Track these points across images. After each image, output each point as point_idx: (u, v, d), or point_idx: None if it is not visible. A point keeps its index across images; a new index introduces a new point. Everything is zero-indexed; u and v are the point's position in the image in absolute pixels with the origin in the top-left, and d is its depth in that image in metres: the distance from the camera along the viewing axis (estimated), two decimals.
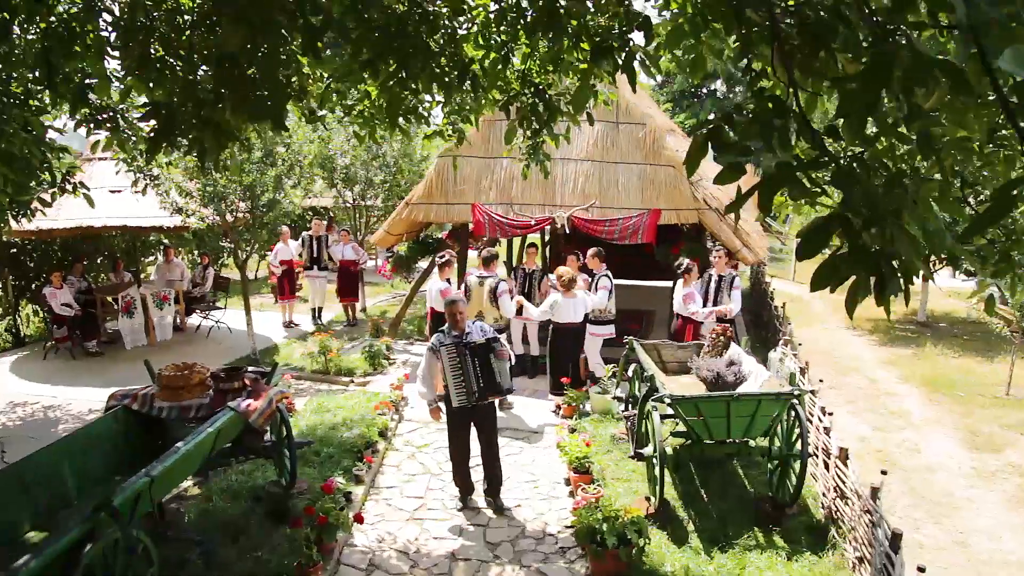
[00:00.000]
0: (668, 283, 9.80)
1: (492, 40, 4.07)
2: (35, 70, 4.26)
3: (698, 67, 3.12)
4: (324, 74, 4.40)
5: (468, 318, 5.48)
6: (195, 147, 3.38)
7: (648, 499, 5.28)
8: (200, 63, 3.44)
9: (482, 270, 7.66)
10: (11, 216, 6.45)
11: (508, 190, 9.09)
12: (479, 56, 4.16)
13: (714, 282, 8.04)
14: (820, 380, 7.24)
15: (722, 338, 6.45)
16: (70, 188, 5.83)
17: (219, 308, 11.56)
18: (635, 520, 4.55)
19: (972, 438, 7.50)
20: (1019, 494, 6.23)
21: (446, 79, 3.87)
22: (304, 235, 11.71)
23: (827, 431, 5.42)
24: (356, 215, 14.16)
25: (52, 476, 4.26)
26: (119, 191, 9.93)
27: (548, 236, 13.27)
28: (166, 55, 3.45)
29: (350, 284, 11.71)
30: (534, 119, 4.67)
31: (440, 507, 5.55)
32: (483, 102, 4.81)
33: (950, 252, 1.86)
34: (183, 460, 4.16)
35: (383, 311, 12.72)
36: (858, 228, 1.58)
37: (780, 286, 14.60)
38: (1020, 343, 8.93)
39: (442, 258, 8.05)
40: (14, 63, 4.20)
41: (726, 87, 30.25)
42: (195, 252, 14.32)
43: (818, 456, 5.56)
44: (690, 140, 2.55)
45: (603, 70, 3.66)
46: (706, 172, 9.21)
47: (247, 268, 10.18)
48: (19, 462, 4.19)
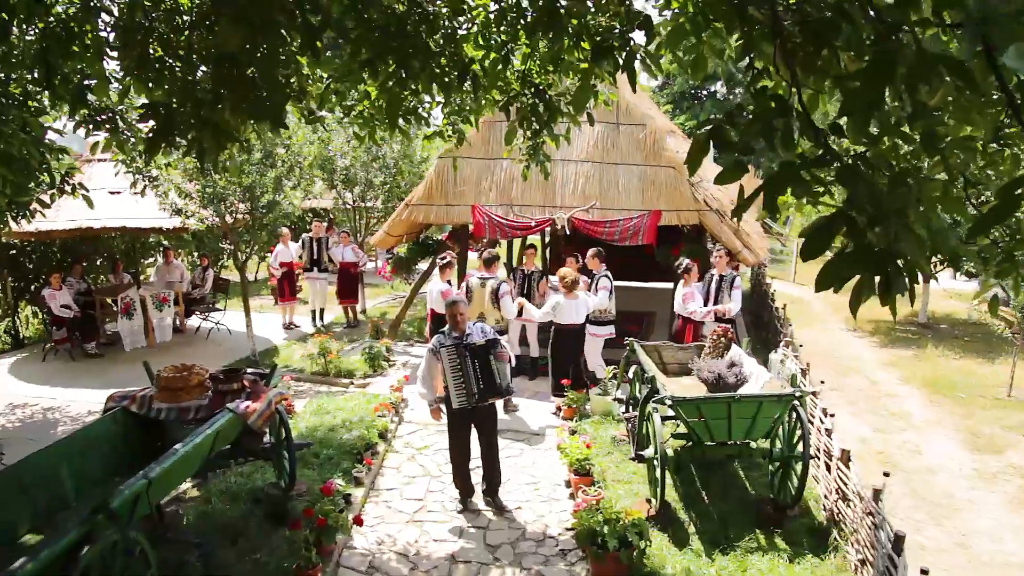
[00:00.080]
0: (668, 284, 9.77)
1: (492, 40, 4.05)
2: (34, 71, 4.25)
3: (699, 67, 3.10)
4: (324, 74, 4.39)
5: (470, 319, 5.46)
6: (194, 147, 3.37)
7: (649, 501, 5.26)
8: (199, 63, 3.42)
9: (483, 271, 7.64)
10: (10, 217, 6.44)
11: (508, 191, 9.08)
12: (479, 56, 4.14)
13: (715, 282, 8.05)
14: (821, 381, 7.22)
15: (723, 339, 6.43)
16: (69, 189, 5.81)
17: (219, 310, 11.54)
18: (636, 522, 4.54)
19: (973, 440, 7.48)
20: (1020, 495, 6.21)
21: (446, 79, 3.86)
22: (304, 237, 11.70)
23: (828, 433, 5.40)
24: (356, 216, 14.15)
25: (50, 478, 4.24)
26: (118, 192, 9.92)
27: (548, 237, 13.28)
28: (165, 55, 3.44)
29: (350, 286, 11.70)
30: (534, 119, 4.65)
31: (440, 509, 5.52)
32: (483, 102, 4.80)
33: (954, 252, 1.85)
34: (182, 462, 4.14)
35: (383, 313, 12.70)
36: (862, 227, 1.57)
37: (781, 287, 14.58)
38: (1021, 345, 8.91)
39: (443, 259, 8.04)
40: (13, 64, 4.19)
41: (726, 88, 30.27)
42: (195, 254, 14.32)
43: (819, 458, 5.54)
44: (690, 141, 2.53)
45: (604, 70, 3.65)
46: (706, 173, 9.21)
47: (247, 270, 10.16)
48: (17, 463, 4.17)
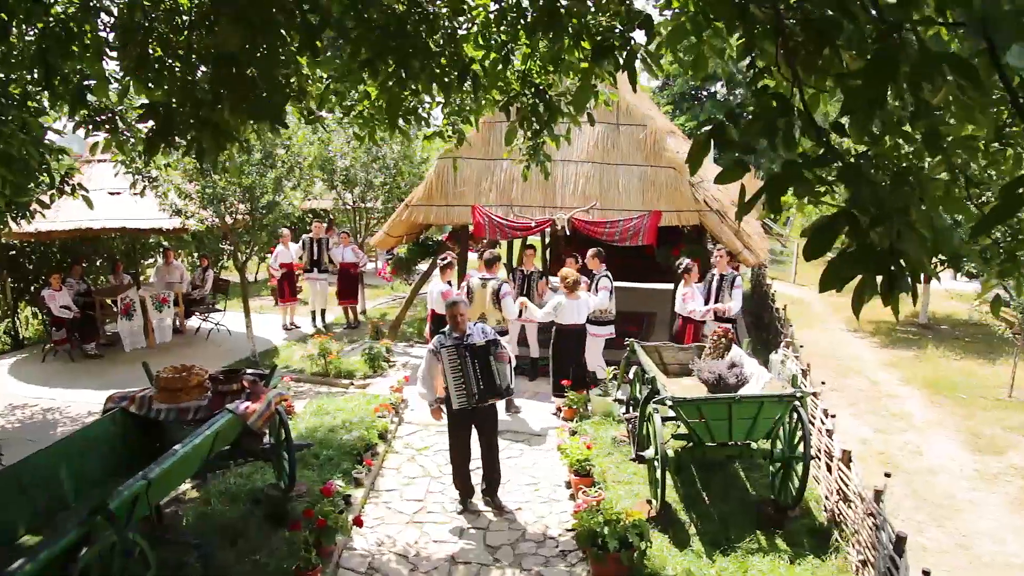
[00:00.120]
0: (669, 285, 9.77)
1: (492, 40, 4.05)
2: (33, 71, 4.24)
3: (699, 66, 3.09)
4: (323, 74, 4.39)
5: (471, 320, 5.46)
6: (193, 147, 3.36)
7: (649, 502, 5.25)
8: (199, 63, 3.42)
9: (484, 272, 7.63)
10: (10, 218, 6.43)
11: (508, 192, 9.07)
12: (479, 56, 4.14)
13: (716, 282, 8.08)
14: (822, 382, 7.21)
15: (723, 340, 6.42)
16: (69, 190, 5.80)
17: (218, 310, 11.53)
18: (636, 523, 4.53)
19: (974, 440, 7.47)
20: (1022, 496, 6.20)
21: (446, 79, 3.85)
22: (304, 238, 11.69)
23: (829, 433, 5.39)
24: (356, 217, 14.14)
25: (49, 478, 4.23)
26: (118, 193, 9.92)
27: (548, 238, 13.27)
28: (164, 55, 3.43)
29: (350, 286, 11.69)
30: (534, 120, 4.64)
31: (440, 510, 5.51)
32: (483, 103, 4.79)
33: (957, 251, 1.84)
34: (181, 463, 4.14)
35: (383, 313, 12.69)
36: (865, 226, 1.56)
37: (781, 288, 14.57)
38: (1022, 345, 8.90)
39: (443, 260, 8.03)
40: (12, 64, 4.18)
41: (727, 89, 30.27)
42: (194, 254, 14.31)
43: (820, 458, 5.53)
44: (691, 142, 2.52)
45: (604, 70, 3.64)
46: (707, 174, 9.20)
47: (246, 270, 10.15)
48: (16, 464, 4.16)
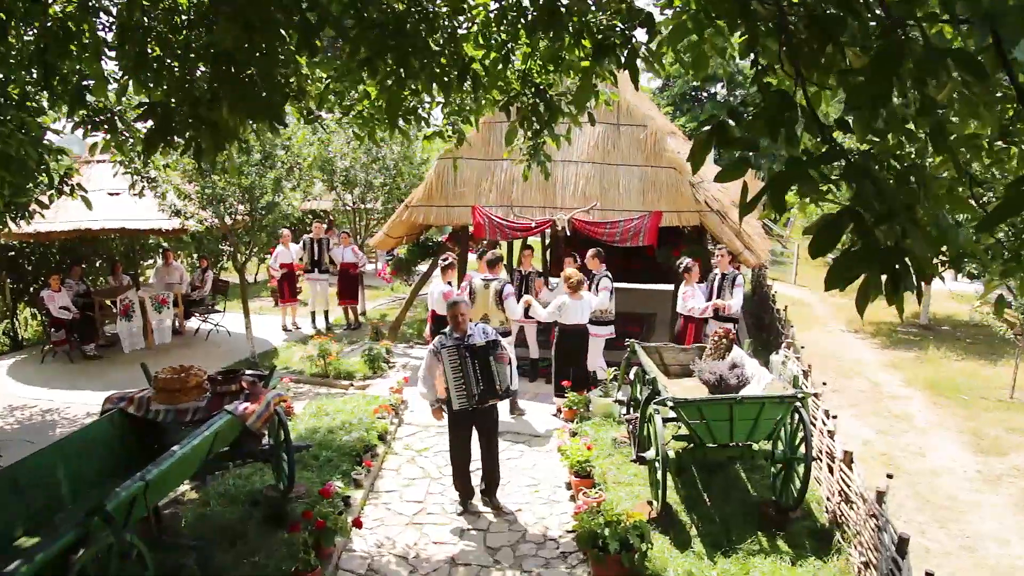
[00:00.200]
0: (669, 286, 9.75)
1: (492, 39, 4.03)
2: (32, 71, 4.23)
3: (700, 65, 3.08)
4: (323, 74, 4.37)
5: (473, 321, 5.44)
6: (191, 147, 3.34)
7: (650, 503, 5.23)
8: (197, 62, 3.40)
9: (485, 272, 7.60)
10: (9, 218, 6.41)
11: (508, 192, 9.05)
12: (479, 55, 4.12)
13: (718, 280, 8.12)
14: (823, 383, 7.18)
15: (724, 341, 6.40)
16: (68, 190, 5.79)
17: (218, 311, 11.51)
18: (637, 524, 4.50)
19: (977, 441, 7.44)
20: None
21: (446, 79, 3.83)
22: (305, 238, 11.68)
23: (831, 434, 5.36)
24: (356, 218, 14.12)
25: (47, 479, 4.21)
26: (117, 194, 9.90)
27: (548, 239, 13.25)
28: (163, 55, 3.42)
29: (350, 287, 11.67)
30: (535, 119, 4.63)
31: (440, 511, 5.49)
32: (483, 102, 4.78)
33: (963, 249, 1.82)
34: (179, 464, 4.11)
35: (383, 314, 12.67)
36: (870, 224, 1.54)
37: (781, 289, 14.55)
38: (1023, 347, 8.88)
39: (444, 261, 8.01)
40: (11, 64, 4.16)
41: (727, 91, 30.27)
42: (194, 255, 14.29)
43: (822, 460, 5.50)
44: (691, 142, 2.50)
45: (605, 68, 3.62)
46: (707, 174, 9.19)
47: (246, 271, 10.14)
48: (13, 465, 4.15)
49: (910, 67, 1.55)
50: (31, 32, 3.96)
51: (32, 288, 11.31)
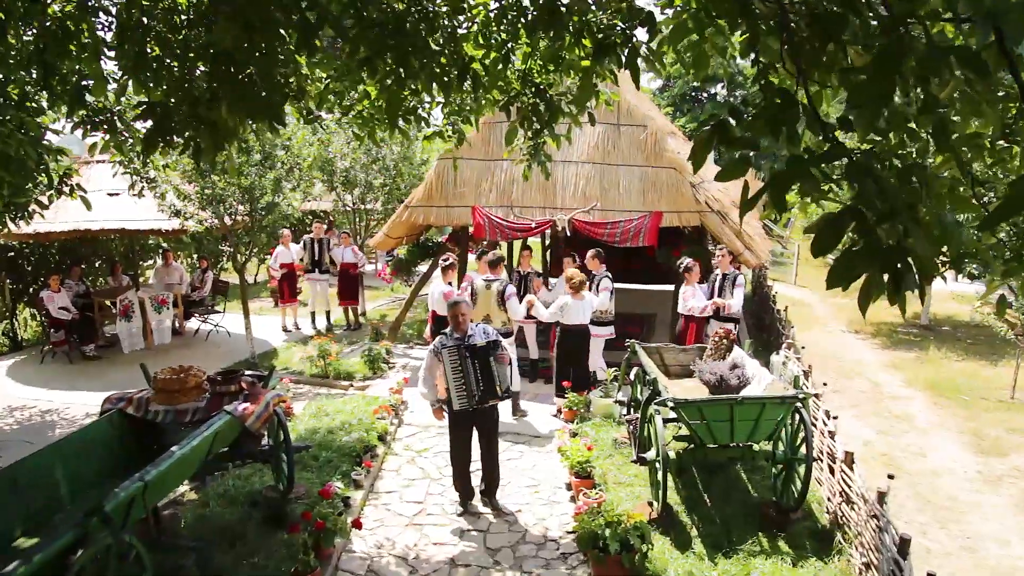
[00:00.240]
0: (669, 287, 9.73)
1: (492, 39, 4.03)
2: (31, 71, 4.21)
3: (701, 65, 3.07)
4: (323, 74, 4.36)
5: (475, 321, 5.43)
6: (189, 146, 3.33)
7: (651, 504, 5.22)
8: (197, 61, 3.39)
9: (488, 273, 7.58)
10: (8, 219, 6.40)
11: (508, 192, 9.04)
12: (479, 55, 4.11)
13: (719, 280, 8.14)
14: (824, 384, 7.17)
15: (725, 341, 6.39)
16: (67, 190, 5.78)
17: (218, 312, 11.50)
18: (638, 525, 4.49)
19: (978, 442, 7.43)
20: None
21: (445, 78, 3.83)
22: (305, 238, 11.67)
23: (832, 435, 5.35)
24: (356, 219, 14.11)
25: (45, 480, 4.20)
26: (117, 194, 9.89)
27: (548, 239, 13.23)
28: (163, 54, 3.41)
29: (350, 287, 11.66)
30: (535, 119, 4.62)
31: (440, 512, 5.48)
32: (483, 102, 4.77)
33: (965, 248, 1.81)
34: (178, 464, 4.10)
35: (383, 315, 12.66)
36: (872, 223, 1.53)
37: (782, 290, 14.54)
38: None
39: (445, 261, 8.00)
40: (11, 64, 4.16)
41: (727, 91, 30.28)
42: (194, 256, 14.29)
43: (823, 460, 5.49)
44: (691, 143, 2.50)
45: (606, 68, 3.62)
46: (708, 174, 9.17)
47: (246, 272, 10.13)
48: (12, 465, 4.13)
49: (912, 65, 1.54)
50: (30, 32, 3.95)
51: (32, 289, 11.30)
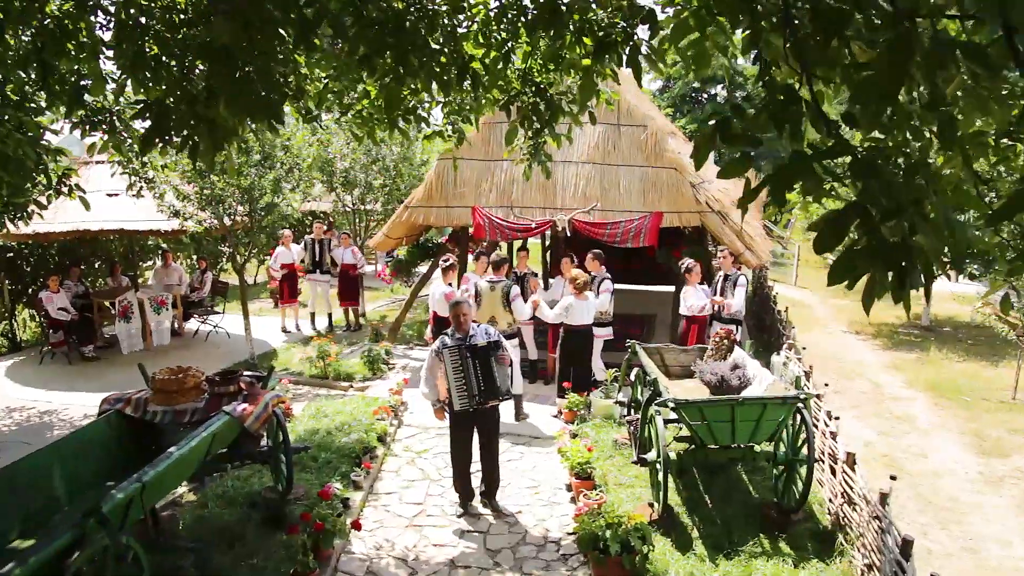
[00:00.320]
0: (670, 287, 9.72)
1: (492, 38, 4.01)
2: (29, 70, 4.20)
3: (702, 63, 3.05)
4: (322, 73, 4.35)
5: (479, 323, 5.42)
6: (187, 145, 3.31)
7: (651, 505, 5.19)
8: (195, 60, 3.38)
9: (492, 274, 7.56)
10: (7, 219, 6.39)
11: (508, 193, 9.02)
12: (479, 54, 4.10)
13: (721, 281, 8.18)
14: (825, 384, 7.15)
15: (726, 341, 6.37)
16: (66, 191, 5.76)
17: (217, 313, 11.47)
18: (638, 526, 4.47)
19: (979, 443, 7.41)
20: None
21: (445, 77, 3.81)
22: (306, 239, 11.64)
23: (833, 436, 5.33)
24: (356, 219, 14.09)
25: (43, 481, 4.18)
26: (116, 194, 9.87)
27: (548, 239, 13.21)
28: (161, 53, 3.39)
29: (350, 288, 11.64)
30: (535, 119, 4.60)
31: (440, 513, 5.45)
32: (483, 102, 4.75)
33: (971, 245, 1.79)
34: (176, 465, 4.08)
35: (382, 316, 12.64)
36: (877, 220, 1.51)
37: (782, 290, 14.52)
38: None
39: (446, 262, 7.98)
40: (9, 64, 4.14)
41: (727, 92, 30.26)
42: (193, 256, 14.27)
43: (824, 461, 5.47)
44: (691, 144, 2.49)
45: (606, 66, 3.60)
46: (708, 175, 9.16)
47: (245, 272, 10.11)
48: (9, 466, 4.11)
49: (918, 60, 1.53)
50: (28, 31, 3.93)
51: (30, 289, 11.28)
